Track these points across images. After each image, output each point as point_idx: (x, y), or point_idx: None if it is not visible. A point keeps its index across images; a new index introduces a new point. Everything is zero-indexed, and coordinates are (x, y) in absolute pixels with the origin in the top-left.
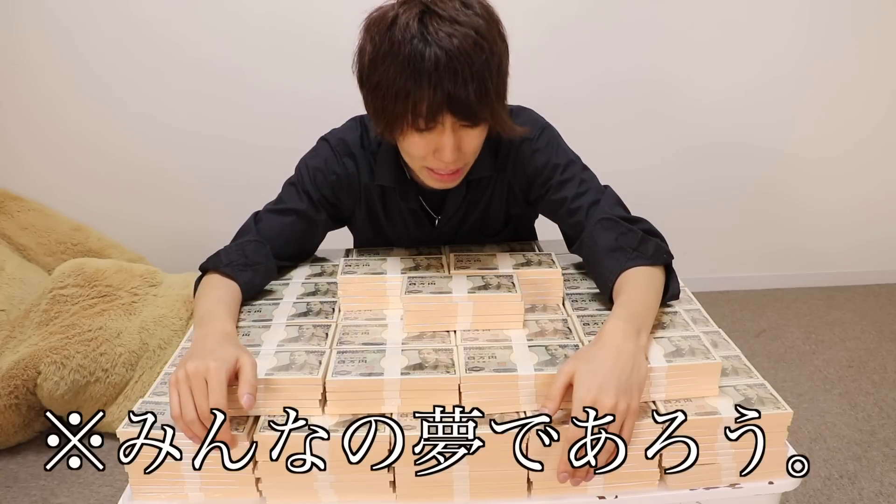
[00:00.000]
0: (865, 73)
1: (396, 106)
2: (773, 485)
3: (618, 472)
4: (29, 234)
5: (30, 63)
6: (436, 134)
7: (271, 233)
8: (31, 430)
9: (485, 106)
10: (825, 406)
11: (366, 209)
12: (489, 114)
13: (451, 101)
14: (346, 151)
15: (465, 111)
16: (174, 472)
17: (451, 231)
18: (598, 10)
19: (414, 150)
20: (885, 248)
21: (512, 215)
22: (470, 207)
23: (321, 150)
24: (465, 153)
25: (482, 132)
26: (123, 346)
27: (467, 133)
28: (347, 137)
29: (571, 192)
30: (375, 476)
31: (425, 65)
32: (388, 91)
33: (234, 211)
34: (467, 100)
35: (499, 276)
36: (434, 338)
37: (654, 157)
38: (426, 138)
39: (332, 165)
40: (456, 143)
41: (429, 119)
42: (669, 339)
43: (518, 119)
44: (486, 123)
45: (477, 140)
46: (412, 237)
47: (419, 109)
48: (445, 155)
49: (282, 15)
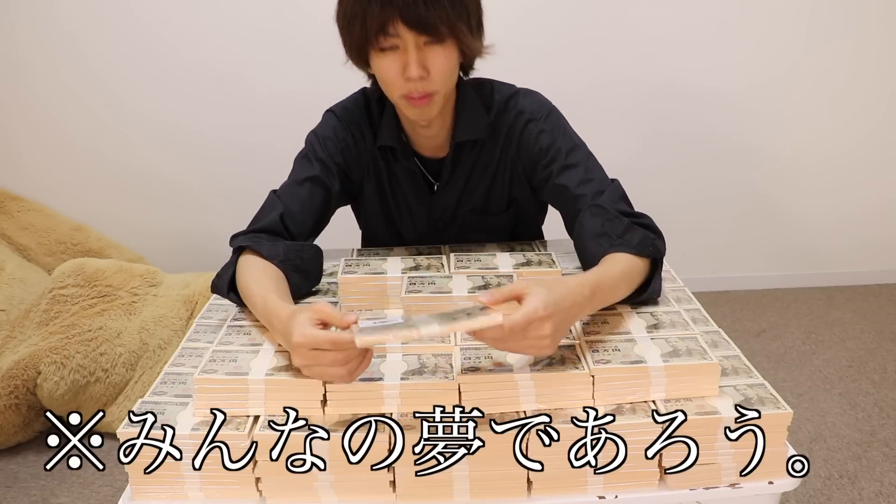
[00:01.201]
0: (866, 73)
1: (354, 27)
2: (773, 485)
3: (618, 472)
4: (29, 234)
5: (30, 63)
6: (400, 53)
7: (293, 206)
8: (31, 430)
9: (439, 16)
10: (825, 406)
11: (375, 180)
12: (447, 27)
13: (402, 11)
14: (352, 120)
15: (417, 21)
16: (174, 472)
17: (451, 206)
18: (598, 9)
19: (383, 72)
20: (886, 248)
21: (515, 198)
22: (470, 182)
23: (329, 121)
24: (433, 74)
25: (448, 51)
26: (123, 346)
27: (432, 51)
28: (351, 107)
29: (575, 179)
30: (375, 476)
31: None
32: (346, 16)
33: (234, 211)
34: (416, 10)
35: (499, 276)
36: (434, 337)
37: (654, 156)
38: (391, 58)
39: (340, 133)
40: (420, 60)
41: (383, 33)
42: (667, 339)
43: (525, 100)
44: (451, 41)
45: (444, 59)
46: (414, 214)
47: (372, 25)
48: (411, 70)
49: (282, 15)
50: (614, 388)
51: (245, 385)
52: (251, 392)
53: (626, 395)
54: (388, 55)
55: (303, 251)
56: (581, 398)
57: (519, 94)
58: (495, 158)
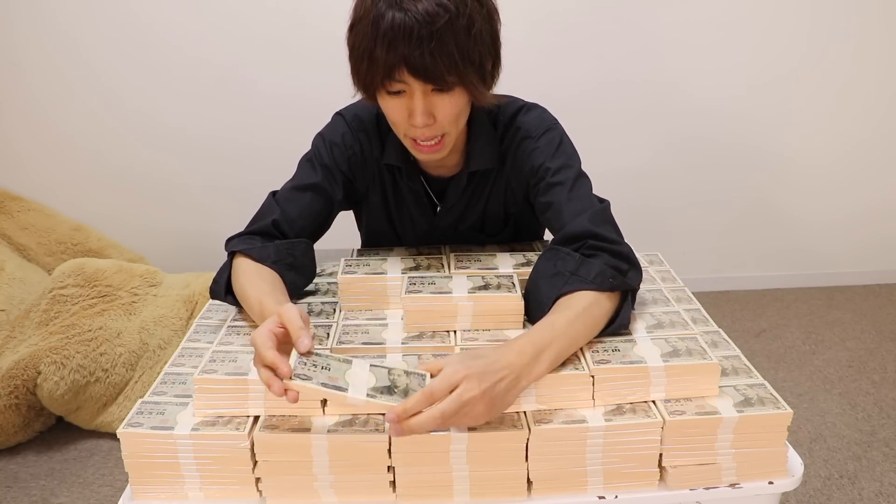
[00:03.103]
0: (866, 74)
1: (361, 67)
2: (773, 485)
3: (618, 472)
4: (29, 234)
5: (30, 63)
6: (406, 98)
7: (291, 212)
8: (31, 430)
9: (445, 67)
10: (825, 406)
11: (380, 189)
12: (456, 77)
13: (408, 60)
14: (361, 127)
15: (422, 71)
16: (174, 472)
17: (452, 225)
18: (598, 10)
19: (390, 114)
20: (886, 248)
21: (511, 214)
22: (471, 201)
23: (338, 125)
24: (439, 120)
25: (456, 99)
26: (123, 346)
27: (439, 98)
28: (362, 114)
29: (559, 197)
30: (375, 476)
31: (383, 25)
32: (355, 53)
33: (234, 211)
34: (422, 59)
35: (499, 276)
36: (434, 338)
37: (655, 156)
38: (398, 102)
39: (348, 140)
40: (426, 108)
41: (389, 79)
42: (667, 339)
43: (525, 116)
44: (459, 88)
45: (450, 106)
46: (416, 226)
47: (379, 69)
48: (416, 119)
49: (282, 16)
50: (614, 388)
51: (245, 385)
52: (251, 392)
53: (626, 395)
54: (395, 98)
55: (293, 248)
56: (581, 398)
57: (521, 110)
58: (492, 178)
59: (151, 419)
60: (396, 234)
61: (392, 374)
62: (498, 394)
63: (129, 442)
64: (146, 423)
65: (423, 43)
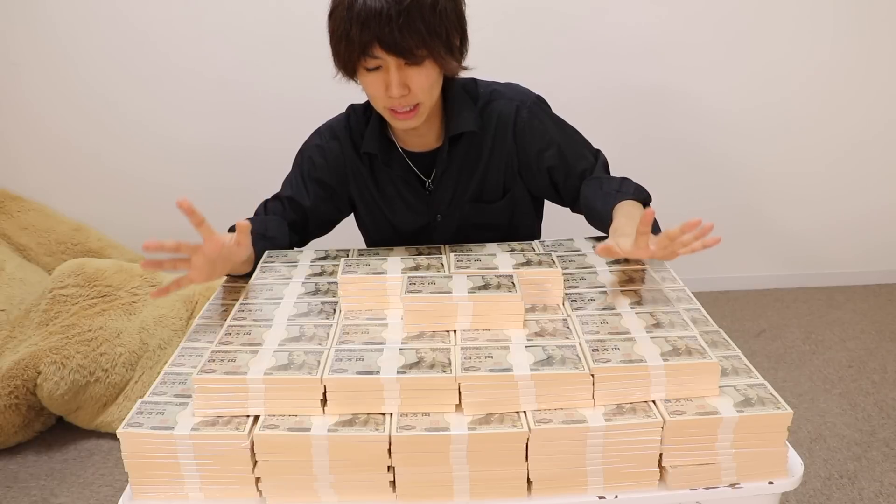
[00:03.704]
0: (868, 77)
1: (340, 47)
2: (773, 485)
3: (618, 472)
4: (29, 234)
5: (30, 64)
6: (383, 72)
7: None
8: (31, 430)
9: (414, 42)
10: (825, 406)
11: (363, 185)
12: (425, 50)
13: (380, 38)
14: (332, 136)
15: (394, 47)
16: (174, 472)
17: (447, 197)
18: (598, 12)
19: (369, 89)
20: (886, 248)
21: (509, 188)
22: (463, 170)
23: (312, 139)
24: (413, 90)
25: (428, 70)
26: (123, 346)
27: (413, 70)
28: (333, 124)
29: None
30: (375, 476)
31: (356, 8)
32: (334, 36)
33: (233, 212)
34: (393, 36)
35: (499, 276)
36: (434, 338)
37: (655, 158)
38: (375, 77)
39: (320, 149)
40: (401, 80)
41: (365, 55)
42: (667, 339)
43: (510, 90)
44: (429, 61)
45: (423, 78)
46: (411, 209)
47: (355, 48)
48: (392, 90)
49: (280, 19)
50: (614, 387)
51: (245, 385)
52: (251, 392)
53: (627, 394)
54: (373, 73)
55: (268, 222)
56: (581, 398)
57: (502, 85)
58: (487, 147)
59: (151, 419)
60: (393, 226)
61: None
62: None
63: (129, 442)
64: (146, 423)
65: (392, 21)
